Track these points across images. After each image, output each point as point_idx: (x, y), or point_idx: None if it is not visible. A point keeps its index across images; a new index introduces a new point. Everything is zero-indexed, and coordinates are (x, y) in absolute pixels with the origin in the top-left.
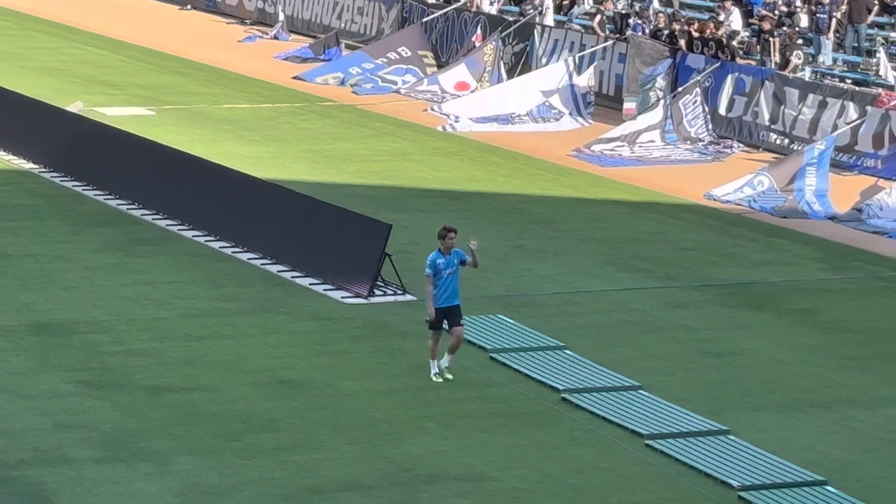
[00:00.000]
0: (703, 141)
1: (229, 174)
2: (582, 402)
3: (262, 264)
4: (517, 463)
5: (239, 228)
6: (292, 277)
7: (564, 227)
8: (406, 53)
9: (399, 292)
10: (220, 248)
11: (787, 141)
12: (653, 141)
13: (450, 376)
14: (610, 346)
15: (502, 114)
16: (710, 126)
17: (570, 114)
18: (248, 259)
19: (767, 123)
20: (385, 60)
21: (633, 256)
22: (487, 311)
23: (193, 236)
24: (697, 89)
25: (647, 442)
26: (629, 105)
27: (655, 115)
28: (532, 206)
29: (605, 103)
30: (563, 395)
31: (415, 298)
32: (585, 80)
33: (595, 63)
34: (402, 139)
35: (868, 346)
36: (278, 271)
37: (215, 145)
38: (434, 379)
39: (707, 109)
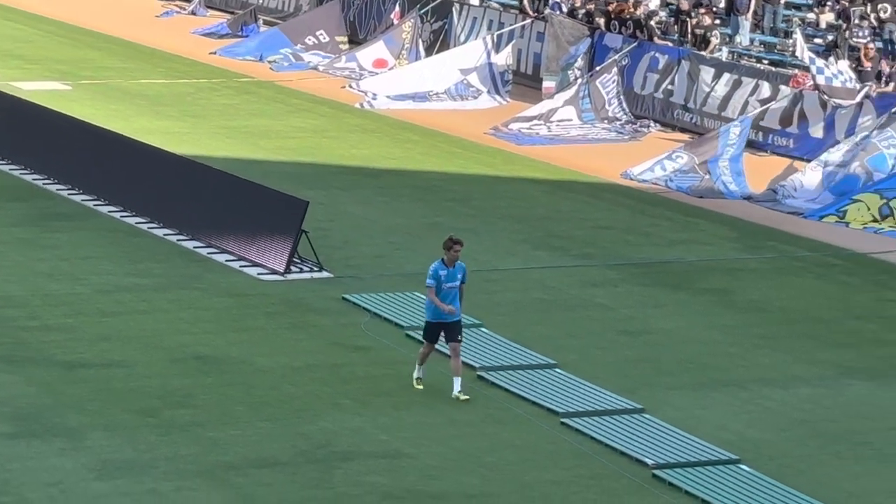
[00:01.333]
0: (620, 120)
1: (145, 150)
2: (497, 380)
3: (178, 240)
4: (432, 440)
5: (155, 204)
6: (208, 254)
7: (481, 204)
8: (323, 38)
9: (315, 269)
10: (136, 223)
11: (701, 120)
12: (570, 120)
13: (465, 396)
14: (526, 324)
15: (420, 91)
16: (626, 106)
17: (488, 92)
18: (164, 235)
19: (682, 103)
20: (302, 46)
21: (550, 235)
22: (404, 288)
23: (109, 212)
24: (615, 69)
25: (562, 420)
26: (549, 84)
27: (573, 93)
28: (449, 184)
29: (522, 82)
30: (478, 373)
31: (331, 275)
32: (503, 58)
33: (513, 41)
34: (320, 116)
35: (782, 326)
36: (194, 247)
37: (131, 120)
38: (416, 385)
39: (624, 89)
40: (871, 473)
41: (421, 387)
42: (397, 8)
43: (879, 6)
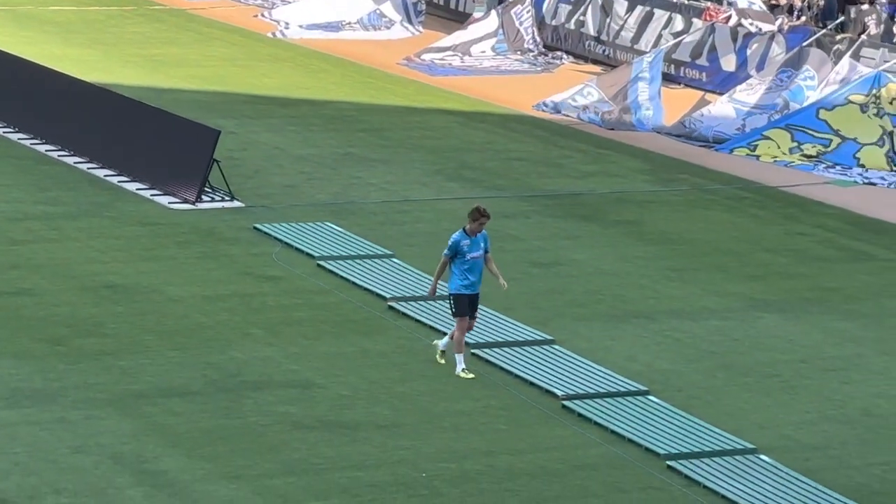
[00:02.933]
0: (533, 52)
1: (56, 77)
2: (409, 311)
3: (88, 168)
4: (343, 370)
5: (65, 132)
6: (119, 182)
7: (394, 135)
8: None
9: (227, 198)
10: (46, 151)
11: (613, 52)
12: (484, 52)
13: (442, 361)
14: (437, 254)
15: (333, 21)
16: (539, 38)
17: (401, 22)
18: (75, 163)
19: (595, 35)
20: None
21: (462, 166)
22: (316, 218)
23: (19, 139)
24: (528, 0)
25: (472, 351)
26: (478, 16)
27: (488, 25)
28: (361, 115)
29: (435, 12)
30: (389, 304)
31: (242, 205)
32: None
33: None
34: (232, 45)
35: (692, 258)
36: (105, 176)
37: (41, 47)
38: (463, 375)
39: (536, 21)
40: (779, 405)
41: (472, 375)
42: None
43: None
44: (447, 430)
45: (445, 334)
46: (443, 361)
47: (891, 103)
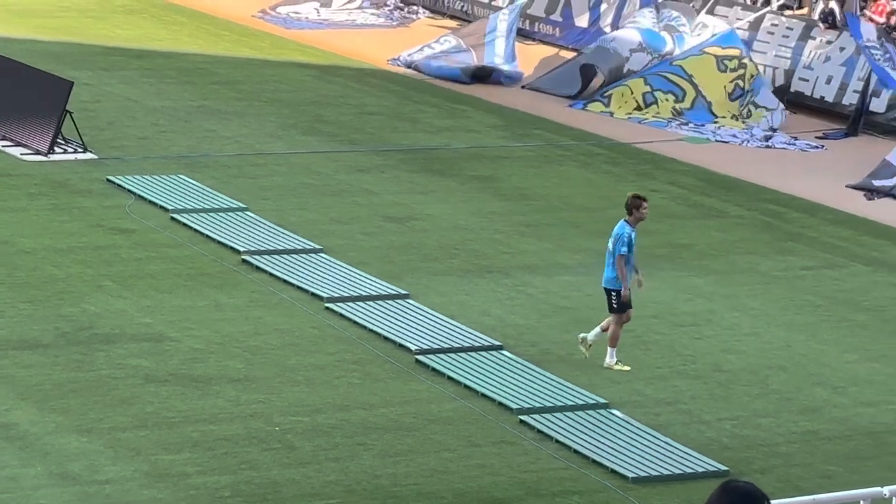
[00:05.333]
0: (389, 6)
1: None
2: (262, 264)
3: None
4: (196, 324)
5: None
6: None
7: (248, 88)
8: None
9: (80, 150)
10: None
11: (471, 7)
12: (345, 4)
13: (626, 367)
14: (291, 208)
15: None
16: None
17: None
18: None
19: None
20: None
21: (317, 120)
22: (169, 171)
23: None
24: None
25: (326, 305)
26: None
27: None
28: (215, 67)
29: None
30: (243, 257)
31: (95, 157)
32: None
33: None
34: None
35: (545, 214)
36: None
37: None
38: (619, 367)
39: None
40: (630, 359)
41: (628, 368)
42: None
43: None
44: (300, 384)
45: (301, 289)
46: (588, 355)
47: (742, 64)
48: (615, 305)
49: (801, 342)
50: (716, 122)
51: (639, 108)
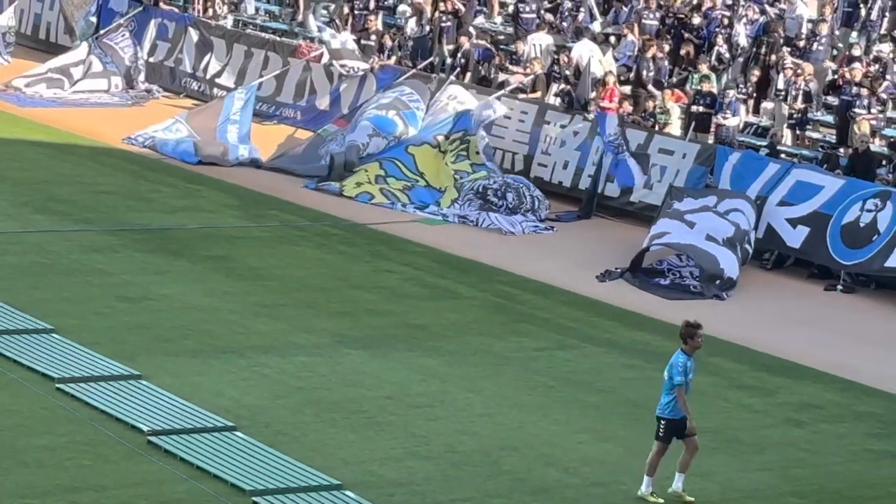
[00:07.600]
0: (120, 87)
1: None
2: None
3: None
4: None
5: None
6: None
7: None
8: None
9: None
10: None
11: (208, 88)
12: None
13: (690, 498)
14: (23, 287)
15: None
16: (134, 72)
17: None
18: None
19: (191, 71)
20: None
21: (50, 198)
22: None
23: None
24: (125, 31)
25: (57, 385)
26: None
27: (78, 54)
28: None
29: (26, 43)
30: None
31: None
32: (6, 19)
33: (16, 2)
34: None
35: (281, 294)
36: None
37: None
38: (651, 499)
39: (135, 56)
40: (364, 440)
41: (661, 500)
42: None
43: None
44: (30, 466)
45: (32, 369)
46: (691, 499)
47: (474, 152)
48: (661, 434)
49: (534, 423)
50: (438, 204)
51: (369, 182)
